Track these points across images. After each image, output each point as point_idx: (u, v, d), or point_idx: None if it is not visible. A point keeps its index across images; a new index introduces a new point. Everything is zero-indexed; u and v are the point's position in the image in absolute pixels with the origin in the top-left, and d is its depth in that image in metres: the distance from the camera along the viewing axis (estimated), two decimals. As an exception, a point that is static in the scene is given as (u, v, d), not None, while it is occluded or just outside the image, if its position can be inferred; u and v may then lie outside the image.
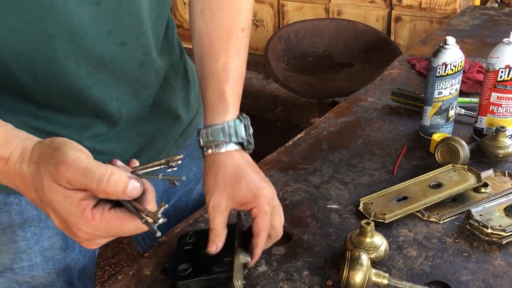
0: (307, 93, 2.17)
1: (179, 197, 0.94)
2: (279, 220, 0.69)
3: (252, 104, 3.55)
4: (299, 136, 1.09)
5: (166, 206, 0.52)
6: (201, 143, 0.69)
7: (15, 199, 0.73)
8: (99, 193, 0.48)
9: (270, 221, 0.67)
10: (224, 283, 0.68)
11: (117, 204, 0.51)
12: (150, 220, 0.50)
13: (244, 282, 0.69)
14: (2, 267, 0.77)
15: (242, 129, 0.69)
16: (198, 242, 0.74)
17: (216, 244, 0.67)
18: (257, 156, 0.97)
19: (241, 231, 0.73)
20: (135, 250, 2.13)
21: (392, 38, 2.52)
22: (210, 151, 0.68)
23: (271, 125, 3.34)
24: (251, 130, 0.70)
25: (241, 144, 0.69)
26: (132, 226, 0.50)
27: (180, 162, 0.55)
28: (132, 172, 0.53)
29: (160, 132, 0.84)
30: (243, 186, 0.66)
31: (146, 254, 0.76)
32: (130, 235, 0.55)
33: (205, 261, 0.70)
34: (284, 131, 3.35)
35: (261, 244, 0.67)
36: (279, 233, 0.70)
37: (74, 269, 0.83)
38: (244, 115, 0.71)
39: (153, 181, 0.89)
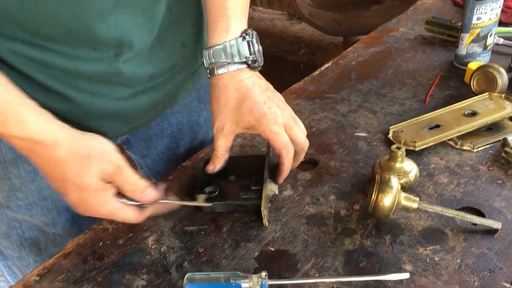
0: (333, 30, 2.10)
1: (189, 142, 0.90)
2: (298, 132, 0.67)
3: (275, 45, 3.47)
4: (326, 65, 1.05)
5: None
6: (205, 65, 0.67)
7: None
8: (127, 191, 0.59)
9: (289, 137, 0.66)
10: (249, 211, 0.67)
11: None
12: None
13: (270, 205, 0.68)
14: None
15: (245, 48, 0.65)
16: (225, 167, 0.73)
17: (214, 164, 0.70)
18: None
19: (270, 164, 0.72)
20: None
21: (425, -27, 2.38)
22: (213, 73, 0.67)
23: (294, 67, 3.27)
24: (257, 47, 0.67)
25: (246, 63, 0.66)
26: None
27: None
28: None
29: (167, 72, 0.75)
30: (245, 111, 0.65)
31: (170, 177, 0.76)
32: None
33: (232, 187, 0.70)
34: (307, 73, 3.29)
35: (286, 162, 0.66)
36: (303, 144, 0.68)
37: None
38: (250, 30, 0.67)
39: (159, 125, 0.86)
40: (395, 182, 0.62)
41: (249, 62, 0.66)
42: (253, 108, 0.65)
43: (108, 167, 0.56)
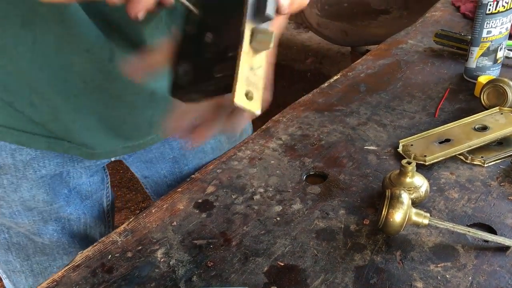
0: (340, 41, 2.10)
1: (193, 168, 0.85)
2: None
3: (282, 54, 3.47)
4: (335, 77, 1.05)
5: None
6: None
7: None
8: None
9: None
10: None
11: None
12: None
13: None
14: None
15: None
16: (208, 18, 0.46)
17: None
18: (285, 107, 0.94)
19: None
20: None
21: (433, -17, 2.38)
22: None
23: (301, 76, 3.27)
24: None
25: None
26: None
27: None
28: None
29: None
30: None
31: (179, 189, 0.76)
32: None
33: (209, 56, 0.44)
34: (314, 82, 3.29)
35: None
36: None
37: (74, 221, 0.78)
38: None
39: (159, 148, 0.80)
40: (405, 197, 0.61)
41: None
42: None
43: None
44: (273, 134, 0.87)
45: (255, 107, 0.40)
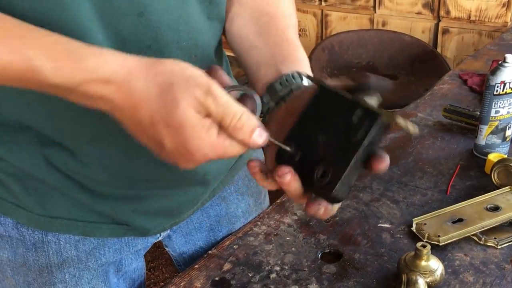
0: (350, 105, 2.15)
1: (226, 234, 0.88)
2: None
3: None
4: (347, 151, 1.07)
5: None
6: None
7: (53, 237, 0.70)
8: (229, 128, 0.47)
9: None
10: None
11: None
12: None
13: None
14: None
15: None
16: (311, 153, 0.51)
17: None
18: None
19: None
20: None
21: (439, 50, 2.46)
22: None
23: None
24: None
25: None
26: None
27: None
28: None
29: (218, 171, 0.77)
30: None
31: (196, 266, 0.77)
32: None
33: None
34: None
35: None
36: None
37: None
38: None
39: (198, 218, 0.84)
40: (422, 283, 0.63)
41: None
42: None
43: (199, 92, 0.45)
44: (288, 209, 0.89)
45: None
